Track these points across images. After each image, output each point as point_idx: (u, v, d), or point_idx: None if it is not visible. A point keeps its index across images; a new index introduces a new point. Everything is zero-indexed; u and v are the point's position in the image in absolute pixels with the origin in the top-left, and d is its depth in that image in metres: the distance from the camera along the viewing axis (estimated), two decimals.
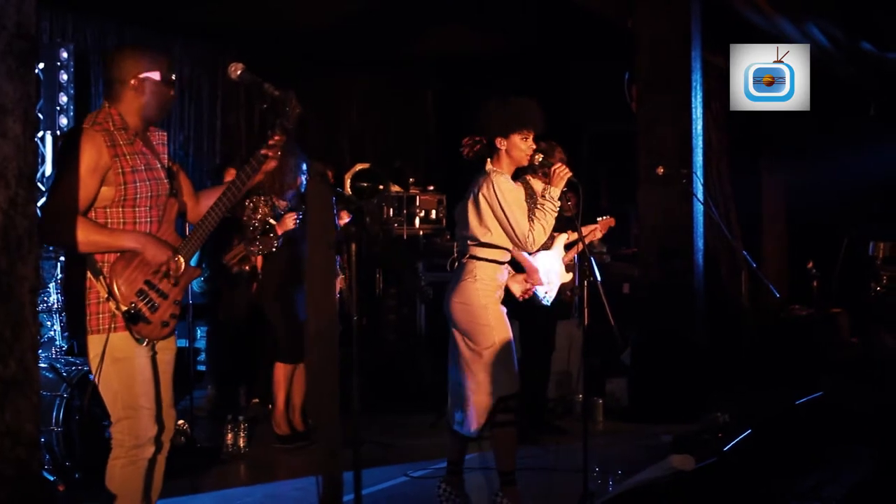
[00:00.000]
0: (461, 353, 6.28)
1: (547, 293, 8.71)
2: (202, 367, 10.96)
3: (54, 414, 6.96)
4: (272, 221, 8.57)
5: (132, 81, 4.88)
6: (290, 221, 8.57)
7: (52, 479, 6.69)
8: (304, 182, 8.79)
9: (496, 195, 6.20)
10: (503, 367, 6.18)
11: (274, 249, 8.58)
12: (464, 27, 12.41)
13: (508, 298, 6.67)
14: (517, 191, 6.30)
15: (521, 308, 8.09)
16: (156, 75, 4.92)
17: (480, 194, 6.27)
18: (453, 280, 6.37)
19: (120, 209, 4.80)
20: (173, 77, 5.01)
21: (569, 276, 8.81)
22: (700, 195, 9.88)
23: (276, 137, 5.01)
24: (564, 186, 6.33)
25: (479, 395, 6.17)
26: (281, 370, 8.80)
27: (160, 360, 5.00)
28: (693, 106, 10.23)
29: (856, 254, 12.19)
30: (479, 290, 6.22)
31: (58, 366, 7.26)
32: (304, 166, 8.66)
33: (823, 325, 11.93)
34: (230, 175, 9.16)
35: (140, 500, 4.91)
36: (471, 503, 6.49)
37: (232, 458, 8.20)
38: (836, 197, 13.24)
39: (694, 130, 10.21)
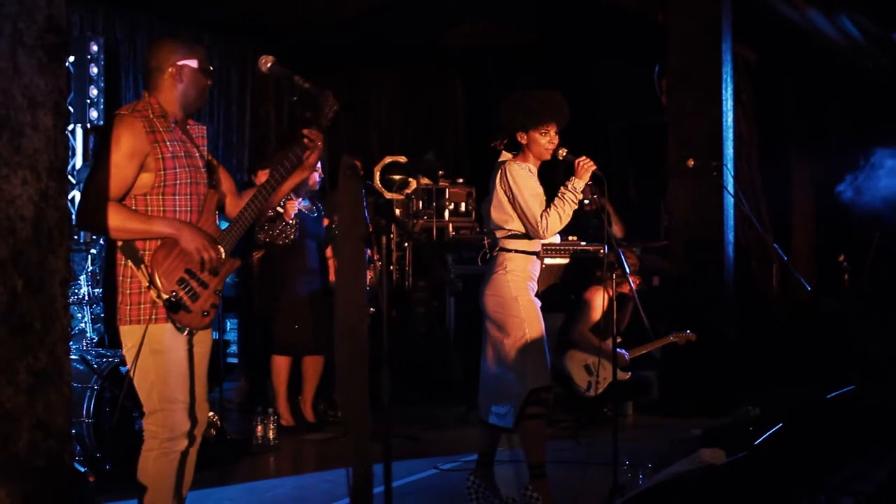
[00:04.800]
0: (498, 346, 6.28)
1: (590, 382, 8.90)
2: (232, 360, 11.01)
3: (85, 406, 6.99)
4: (279, 209, 8.65)
5: (170, 69, 4.92)
6: (292, 207, 8.67)
7: (82, 470, 6.72)
8: (319, 182, 8.86)
9: (509, 183, 6.20)
10: (534, 359, 6.17)
11: (280, 234, 8.71)
12: (493, 19, 12.39)
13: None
14: (531, 178, 6.27)
15: None
16: (193, 63, 4.96)
17: (497, 185, 6.28)
18: (486, 273, 6.37)
19: (160, 197, 4.81)
20: (210, 65, 5.05)
21: (627, 375, 9.11)
22: (730, 188, 9.84)
23: (314, 136, 5.02)
24: (589, 180, 6.31)
25: (517, 387, 6.16)
26: (277, 362, 8.92)
27: (195, 352, 5.01)
28: (723, 98, 10.19)
29: (887, 247, 12.12)
30: (510, 282, 6.22)
31: (89, 358, 7.29)
32: (319, 165, 8.72)
33: (854, 319, 11.87)
34: (264, 174, 9.24)
35: (171, 493, 4.91)
36: (500, 496, 6.47)
37: (262, 450, 8.24)
38: None
39: (724, 123, 10.17)
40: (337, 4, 11.62)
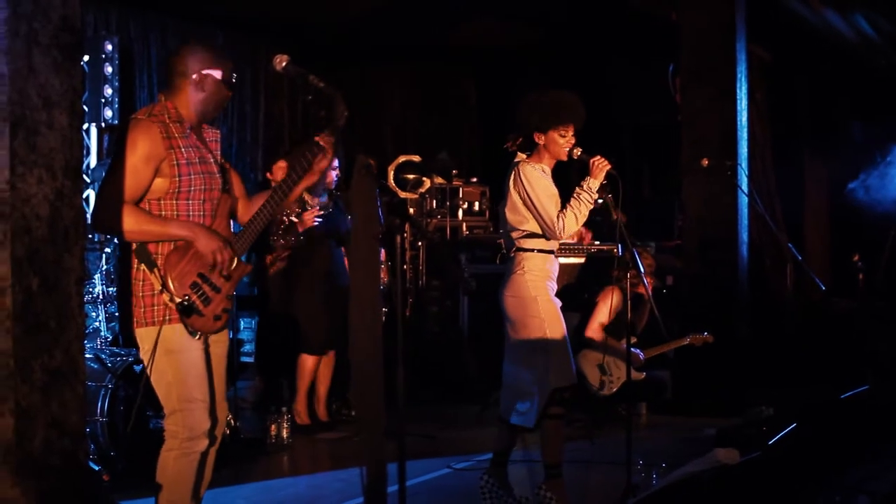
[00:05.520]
0: (519, 347, 6.27)
1: (604, 381, 8.89)
2: (246, 359, 11.01)
3: (99, 404, 7.00)
4: (294, 219, 8.63)
5: (194, 76, 4.91)
6: (310, 219, 8.66)
7: (97, 469, 6.73)
8: (336, 179, 8.84)
9: (523, 185, 6.18)
10: (556, 358, 6.15)
11: (293, 243, 8.68)
12: (505, 18, 12.39)
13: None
14: (545, 179, 6.26)
15: None
16: (218, 74, 4.95)
17: (511, 187, 6.26)
18: (505, 274, 6.35)
19: (173, 201, 4.81)
20: (233, 78, 5.05)
21: (641, 375, 9.13)
22: (744, 187, 9.83)
23: (326, 139, 5.02)
24: (604, 179, 6.28)
25: (539, 387, 6.15)
26: (306, 361, 8.89)
27: (212, 353, 5.01)
28: (737, 97, 10.18)
29: None
30: (529, 283, 6.20)
31: (103, 356, 7.30)
32: (336, 162, 8.71)
33: (869, 318, 11.84)
34: (279, 169, 9.23)
35: (190, 493, 4.91)
36: (514, 496, 6.46)
37: (276, 449, 8.24)
38: None
39: (738, 122, 10.16)
40: (349, 2, 11.63)
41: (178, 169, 4.78)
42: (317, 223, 8.70)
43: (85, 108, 10.27)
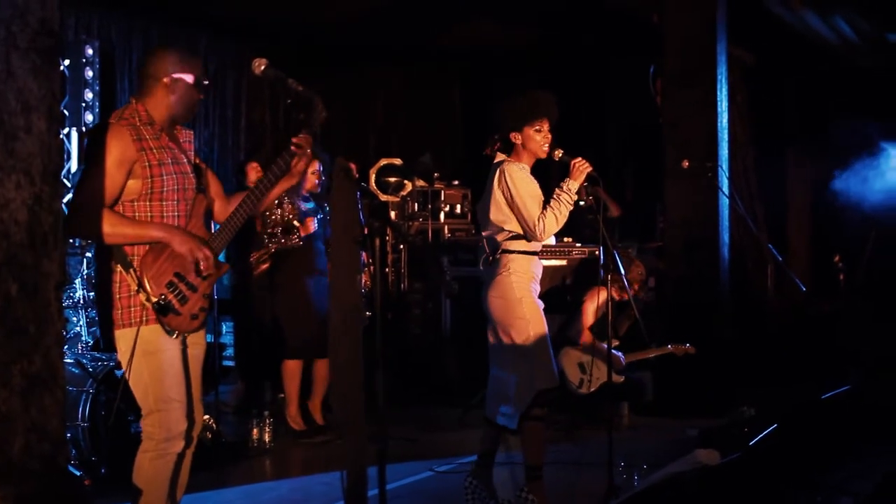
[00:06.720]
0: (503, 348, 6.27)
1: (583, 380, 8.89)
2: (228, 363, 10.99)
3: (80, 409, 6.99)
4: (296, 223, 8.59)
5: (165, 80, 4.95)
6: (312, 224, 8.63)
7: (78, 473, 6.71)
8: (322, 182, 8.82)
9: (507, 184, 6.20)
10: (540, 360, 6.16)
11: (294, 246, 8.61)
12: (490, 20, 12.39)
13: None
14: (529, 179, 6.28)
15: None
16: (189, 77, 4.98)
17: (495, 186, 6.27)
18: (489, 276, 6.34)
19: (147, 203, 4.83)
20: (205, 82, 5.06)
21: (621, 378, 9.15)
22: (725, 189, 9.85)
23: (302, 140, 5.03)
24: (584, 181, 6.29)
25: (521, 389, 6.15)
26: (288, 366, 8.82)
27: (189, 354, 5.03)
28: (718, 99, 10.19)
29: (883, 246, 12.12)
30: (515, 284, 6.21)
31: (84, 361, 7.29)
32: (321, 167, 8.68)
33: (850, 318, 11.88)
34: (252, 170, 9.19)
35: (166, 495, 4.92)
36: (497, 498, 6.47)
37: (258, 453, 8.24)
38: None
39: (719, 124, 10.17)
40: (334, 5, 11.61)
41: (150, 170, 4.80)
42: (316, 228, 8.68)
43: (65, 112, 10.25)
